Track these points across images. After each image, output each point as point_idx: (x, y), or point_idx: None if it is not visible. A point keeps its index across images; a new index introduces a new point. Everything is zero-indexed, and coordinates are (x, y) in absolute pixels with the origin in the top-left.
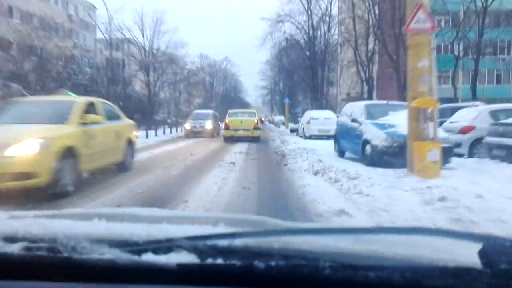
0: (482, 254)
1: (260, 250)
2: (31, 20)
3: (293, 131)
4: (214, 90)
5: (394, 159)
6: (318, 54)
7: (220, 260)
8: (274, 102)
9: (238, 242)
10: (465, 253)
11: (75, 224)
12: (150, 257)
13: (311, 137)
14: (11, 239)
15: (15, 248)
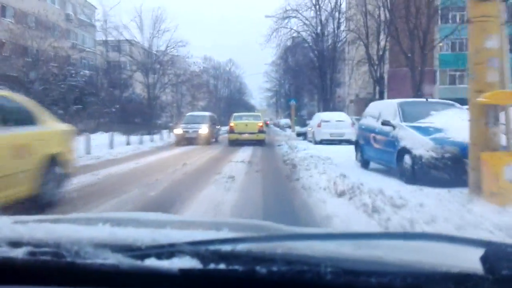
0: (484, 260)
1: (262, 255)
2: (26, 19)
3: (299, 135)
4: (219, 92)
5: (445, 174)
6: (327, 52)
7: (223, 265)
8: (279, 104)
9: (241, 247)
10: (467, 258)
11: (79, 228)
12: (153, 262)
13: (322, 142)
14: (15, 244)
15: (19, 253)
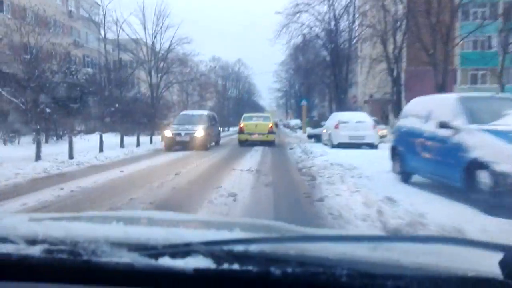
0: (504, 264)
1: (276, 257)
2: (25, 14)
3: (311, 136)
4: (227, 93)
5: None
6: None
7: (236, 266)
8: (289, 105)
9: (255, 248)
10: (484, 263)
11: (94, 227)
12: (167, 261)
13: (339, 145)
14: (32, 242)
15: (36, 251)
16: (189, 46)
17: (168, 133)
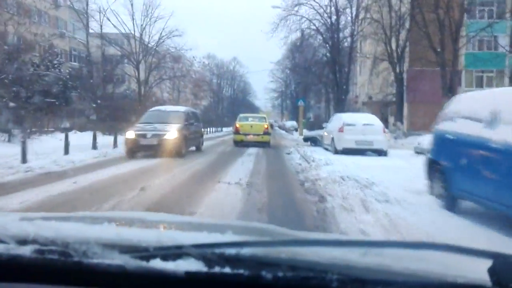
0: (492, 271)
1: (268, 260)
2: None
3: (307, 139)
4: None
5: None
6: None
7: (228, 269)
8: (285, 106)
9: (246, 251)
10: (474, 269)
11: (86, 228)
12: (158, 263)
13: (343, 151)
14: (23, 242)
15: (26, 251)
16: (181, 40)
17: (130, 134)
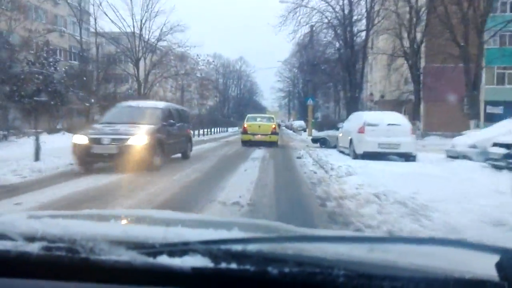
0: (499, 267)
1: (274, 256)
2: None
3: (316, 140)
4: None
5: None
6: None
7: (234, 265)
8: (292, 105)
9: (252, 248)
10: (481, 265)
11: (93, 225)
12: (165, 260)
13: (364, 155)
14: (31, 239)
15: (34, 248)
16: (184, 37)
17: (80, 138)
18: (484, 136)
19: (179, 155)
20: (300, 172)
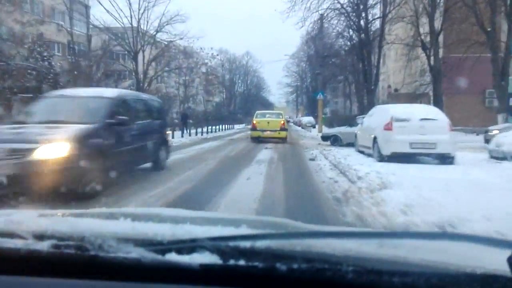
0: None
1: (282, 253)
2: None
3: (326, 138)
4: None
5: None
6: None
7: (243, 262)
8: (300, 101)
9: (261, 244)
10: (493, 260)
11: (102, 223)
12: (173, 257)
13: (392, 157)
14: (40, 237)
15: (44, 246)
16: (185, 28)
17: None
18: None
19: (147, 165)
20: (316, 181)
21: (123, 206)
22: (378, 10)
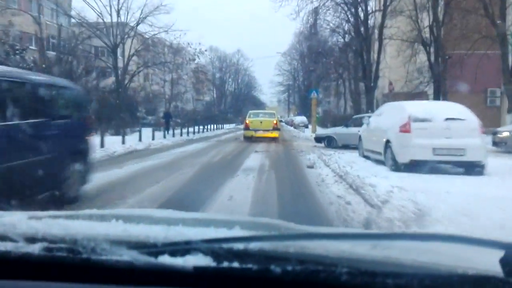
0: (504, 262)
1: (276, 254)
2: None
3: (320, 139)
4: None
5: None
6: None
7: (236, 264)
8: (292, 100)
9: (254, 246)
10: (485, 261)
11: (93, 225)
12: (167, 259)
13: (410, 166)
14: (31, 239)
15: (35, 248)
16: (165, 17)
17: None
18: None
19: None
20: (321, 201)
21: None
22: (377, 2)
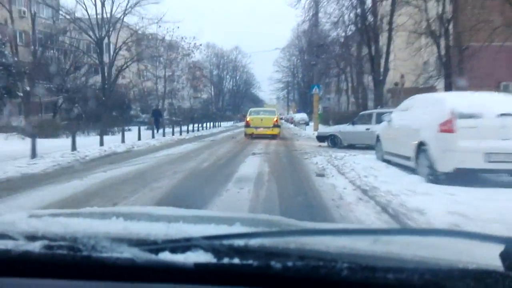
0: (505, 256)
1: (276, 250)
2: None
3: (322, 138)
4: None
5: None
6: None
7: (237, 260)
8: (291, 97)
9: (255, 242)
10: (486, 255)
11: (94, 222)
12: (168, 256)
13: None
14: (32, 238)
15: (36, 247)
16: (154, 8)
17: None
18: None
19: None
20: None
21: None
22: None
